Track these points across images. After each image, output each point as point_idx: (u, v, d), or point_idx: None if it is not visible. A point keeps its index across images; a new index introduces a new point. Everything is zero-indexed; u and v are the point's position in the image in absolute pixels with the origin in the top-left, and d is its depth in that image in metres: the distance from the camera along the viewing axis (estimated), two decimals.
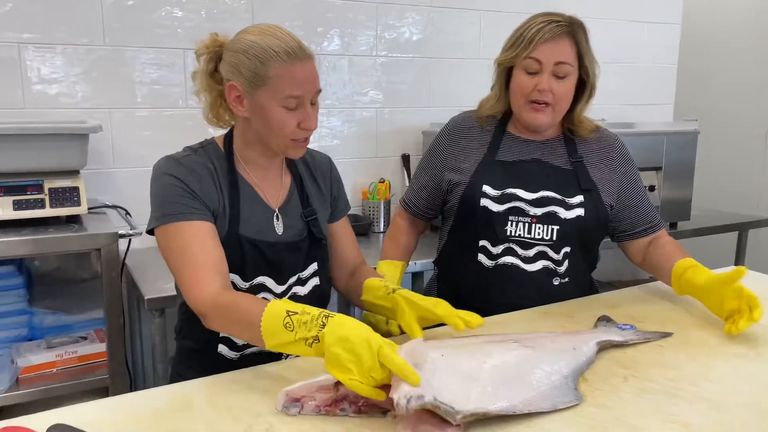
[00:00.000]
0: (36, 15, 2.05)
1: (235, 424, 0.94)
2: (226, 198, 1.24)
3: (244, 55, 1.18)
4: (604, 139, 1.60)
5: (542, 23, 1.44)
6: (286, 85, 1.18)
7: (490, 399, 0.95)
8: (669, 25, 3.35)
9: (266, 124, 1.21)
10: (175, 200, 1.19)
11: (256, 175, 1.30)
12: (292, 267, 1.30)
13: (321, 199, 1.39)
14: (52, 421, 0.91)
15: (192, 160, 1.24)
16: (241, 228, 1.24)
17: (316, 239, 1.34)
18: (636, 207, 1.58)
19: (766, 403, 1.00)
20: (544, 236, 1.49)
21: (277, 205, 1.31)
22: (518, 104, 1.50)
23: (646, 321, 1.36)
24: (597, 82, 1.54)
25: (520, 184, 1.50)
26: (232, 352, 1.28)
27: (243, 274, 1.24)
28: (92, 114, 2.13)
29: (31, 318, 1.91)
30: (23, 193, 1.72)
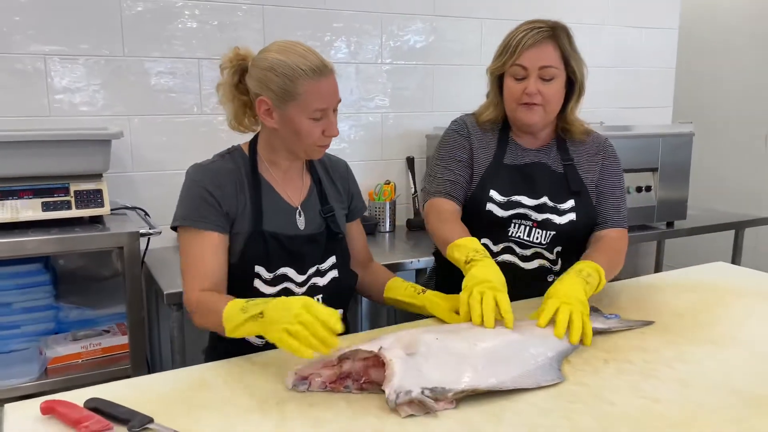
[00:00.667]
0: (60, 28, 2.18)
1: (249, 399, 1.05)
2: (248, 198, 1.38)
3: (272, 73, 1.30)
4: (594, 142, 1.67)
5: (525, 31, 1.53)
6: (314, 100, 1.31)
7: (480, 377, 1.05)
8: (667, 30, 3.44)
9: (295, 133, 1.34)
10: (196, 207, 1.34)
11: (279, 176, 1.43)
12: (311, 258, 1.42)
13: (338, 198, 1.53)
14: (86, 397, 1.03)
15: (217, 165, 1.39)
16: (264, 224, 1.38)
17: (333, 233, 1.46)
18: (602, 203, 1.62)
19: (733, 383, 1.10)
20: (541, 240, 1.58)
21: (298, 203, 1.44)
22: (511, 108, 1.58)
23: (632, 310, 1.46)
24: (585, 81, 1.60)
25: (524, 190, 1.58)
26: (259, 339, 1.40)
27: (267, 265, 1.38)
28: (112, 121, 2.25)
29: (58, 313, 2.04)
30: (51, 196, 1.84)
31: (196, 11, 2.36)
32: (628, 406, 1.01)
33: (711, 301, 1.53)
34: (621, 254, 1.58)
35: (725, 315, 1.43)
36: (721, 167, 4.05)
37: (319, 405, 1.03)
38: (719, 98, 4.11)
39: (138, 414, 0.98)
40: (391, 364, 1.02)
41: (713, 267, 1.85)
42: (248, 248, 1.36)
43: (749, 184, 4.00)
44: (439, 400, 1.00)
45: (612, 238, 1.60)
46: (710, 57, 4.13)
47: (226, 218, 1.35)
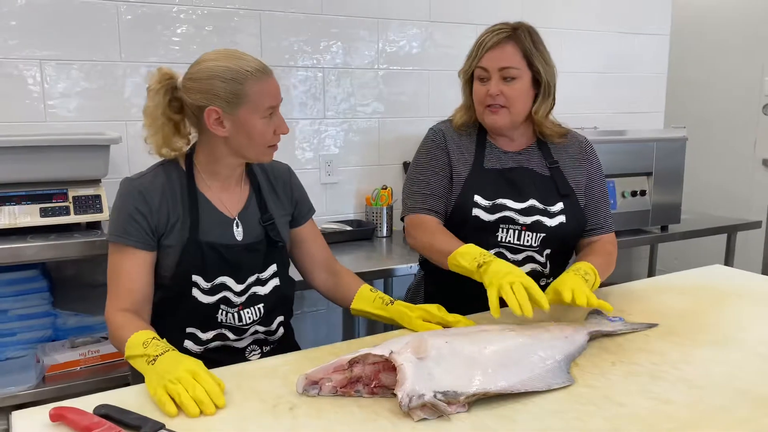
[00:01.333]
0: (55, 34, 2.16)
1: (261, 404, 1.05)
2: (182, 210, 1.36)
3: (218, 80, 1.30)
4: (574, 142, 1.68)
5: (487, 33, 1.56)
6: (265, 99, 1.32)
7: (490, 380, 1.05)
8: (659, 36, 3.48)
9: (249, 136, 1.34)
10: (123, 223, 1.33)
11: (216, 186, 1.42)
12: (250, 267, 1.42)
13: (280, 206, 1.51)
14: (94, 403, 1.02)
15: (147, 180, 1.37)
16: (201, 234, 1.36)
17: (273, 242, 1.45)
18: (592, 208, 1.65)
19: (739, 383, 1.11)
20: (532, 243, 1.58)
21: (235, 213, 1.42)
22: (479, 111, 1.60)
23: (634, 314, 1.47)
24: (553, 81, 1.58)
25: (509, 194, 1.57)
26: (197, 347, 1.40)
27: (205, 275, 1.36)
28: (109, 126, 2.24)
29: (55, 319, 2.02)
30: (49, 201, 1.83)
31: (193, 16, 2.36)
32: (638, 407, 1.02)
33: (712, 303, 1.54)
34: (614, 257, 1.63)
35: (727, 317, 1.44)
36: (711, 172, 4.10)
37: (330, 409, 1.03)
38: (709, 104, 4.16)
39: (149, 420, 0.98)
40: (402, 369, 1.02)
41: (711, 270, 1.87)
42: (184, 258, 1.34)
43: (739, 189, 4.04)
44: (451, 403, 1.00)
45: (605, 242, 1.65)
46: (700, 63, 4.19)
47: (153, 235, 1.34)
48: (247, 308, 1.41)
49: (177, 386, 1.03)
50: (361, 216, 2.77)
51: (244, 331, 1.42)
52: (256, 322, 1.43)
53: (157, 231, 1.35)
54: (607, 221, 1.68)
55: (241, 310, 1.40)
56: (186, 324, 1.39)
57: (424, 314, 1.36)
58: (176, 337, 1.37)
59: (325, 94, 2.65)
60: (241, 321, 1.41)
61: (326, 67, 2.63)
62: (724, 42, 4.08)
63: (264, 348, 1.47)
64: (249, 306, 1.41)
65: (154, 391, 1.05)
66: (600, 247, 1.63)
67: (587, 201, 1.66)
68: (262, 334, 1.46)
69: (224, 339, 1.41)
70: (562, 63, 3.35)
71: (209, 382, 1.05)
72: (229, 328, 1.41)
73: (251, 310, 1.42)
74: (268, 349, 1.48)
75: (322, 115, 2.65)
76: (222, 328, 1.40)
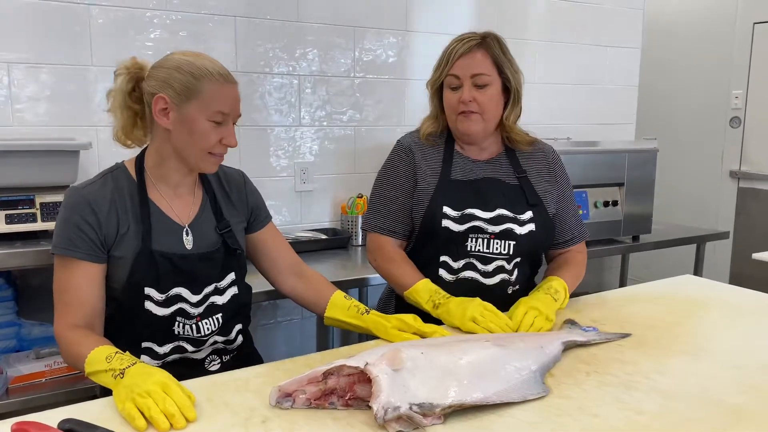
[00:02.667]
0: (25, 36, 2.12)
1: (233, 417, 1.02)
2: (133, 218, 1.32)
3: (176, 71, 1.28)
4: (542, 151, 1.69)
5: (457, 42, 1.57)
6: (216, 102, 1.29)
7: (466, 391, 1.05)
8: (630, 49, 3.54)
9: (189, 135, 1.30)
10: (68, 235, 1.28)
11: (167, 193, 1.37)
12: (206, 277, 1.38)
13: (235, 212, 1.47)
14: (59, 418, 0.98)
15: (94, 188, 1.32)
16: (153, 243, 1.32)
17: (232, 249, 1.42)
18: (564, 219, 1.68)
19: (711, 393, 1.12)
20: (501, 251, 1.58)
21: (187, 221, 1.38)
22: (451, 119, 1.60)
23: (607, 324, 1.48)
24: (521, 89, 1.61)
25: (477, 204, 1.58)
26: (155, 361, 1.35)
27: (158, 286, 1.32)
28: (79, 131, 2.19)
29: (20, 329, 1.96)
30: (15, 208, 1.78)
31: (167, 21, 2.33)
32: (612, 418, 1.02)
33: (683, 313, 1.56)
34: (584, 266, 1.70)
35: (698, 327, 1.46)
36: (680, 183, 4.18)
37: (304, 422, 1.01)
38: (678, 116, 4.24)
39: None
40: (377, 381, 1.01)
41: (682, 280, 1.90)
42: (136, 270, 1.29)
43: (707, 200, 4.13)
44: (427, 415, 0.99)
45: (576, 252, 1.70)
46: (670, 76, 4.28)
47: (102, 246, 1.29)
48: (204, 319, 1.37)
49: (146, 400, 1.00)
50: (337, 224, 2.75)
51: (202, 342, 1.39)
52: (214, 332, 1.39)
53: (106, 242, 1.29)
54: (579, 230, 1.71)
55: (199, 321, 1.36)
56: (141, 338, 1.34)
57: (400, 324, 1.35)
58: (132, 352, 1.30)
59: (301, 102, 2.63)
60: (199, 332, 1.37)
61: (302, 75, 2.62)
62: (694, 57, 4.18)
63: (224, 357, 1.44)
64: (207, 317, 1.37)
65: (122, 406, 1.02)
66: (571, 258, 1.68)
67: (559, 213, 1.67)
68: (222, 344, 1.43)
69: (182, 351, 1.37)
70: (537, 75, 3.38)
71: (180, 395, 1.03)
72: (186, 340, 1.37)
73: (209, 321, 1.38)
74: (227, 358, 1.45)
75: (297, 122, 2.63)
76: (179, 340, 1.36)
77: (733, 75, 3.99)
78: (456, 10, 2.93)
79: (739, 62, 3.96)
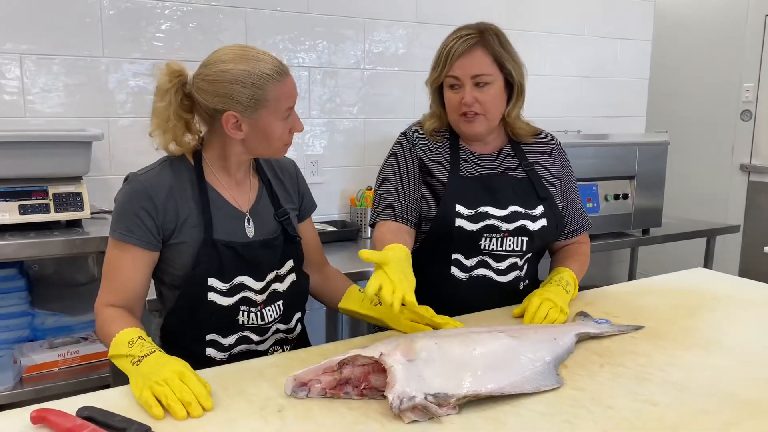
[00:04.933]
0: (37, 27, 2.12)
1: (249, 406, 1.03)
2: (194, 207, 1.31)
3: (238, 85, 1.24)
4: (545, 141, 1.67)
5: (454, 39, 1.51)
6: (284, 101, 1.29)
7: (480, 382, 1.05)
8: (641, 42, 3.52)
9: (267, 139, 1.30)
10: (125, 220, 1.28)
11: (226, 182, 1.37)
12: (268, 264, 1.38)
13: (289, 199, 1.48)
14: (77, 405, 1.00)
15: (153, 175, 1.31)
16: (215, 233, 1.32)
17: (290, 237, 1.42)
18: (570, 210, 1.67)
19: (724, 386, 1.12)
20: (515, 248, 1.56)
21: (246, 208, 1.39)
22: (453, 119, 1.57)
23: (620, 316, 1.48)
24: (525, 81, 1.56)
25: (490, 202, 1.55)
26: (220, 354, 1.36)
27: (222, 276, 1.31)
28: (91, 123, 2.20)
29: (33, 319, 1.98)
30: (28, 198, 1.79)
31: (178, 13, 2.33)
32: (626, 409, 1.03)
33: (695, 306, 1.56)
34: (588, 256, 1.70)
35: (710, 320, 1.46)
36: (691, 176, 4.16)
37: (319, 411, 1.02)
38: (689, 109, 4.22)
39: (134, 422, 0.96)
40: (392, 371, 1.02)
41: (693, 273, 1.89)
42: (200, 260, 1.29)
43: (717, 193, 4.11)
44: (442, 405, 1.00)
45: (580, 243, 1.69)
46: (681, 69, 4.25)
47: (159, 234, 1.29)
48: (268, 306, 1.37)
49: (164, 388, 1.01)
50: (346, 217, 2.75)
51: (266, 330, 1.39)
52: (276, 320, 1.40)
53: (164, 229, 1.29)
54: (583, 221, 1.71)
55: (263, 308, 1.37)
56: (206, 331, 1.33)
57: (412, 315, 1.35)
58: (197, 346, 1.33)
59: (311, 94, 2.63)
60: (263, 320, 1.36)
61: (311, 67, 2.62)
62: (704, 49, 4.15)
63: (285, 347, 1.44)
64: (270, 304, 1.38)
65: (139, 393, 1.03)
66: (576, 249, 1.67)
67: (565, 204, 1.66)
68: (283, 333, 1.43)
69: (247, 342, 1.37)
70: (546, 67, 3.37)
71: (196, 384, 1.03)
72: (251, 330, 1.37)
73: (272, 308, 1.38)
74: (288, 348, 1.45)
75: (306, 114, 2.63)
76: (244, 330, 1.36)
77: (745, 68, 3.96)
78: (466, 2, 2.92)
79: (751, 55, 3.93)
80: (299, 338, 1.49)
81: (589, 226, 1.73)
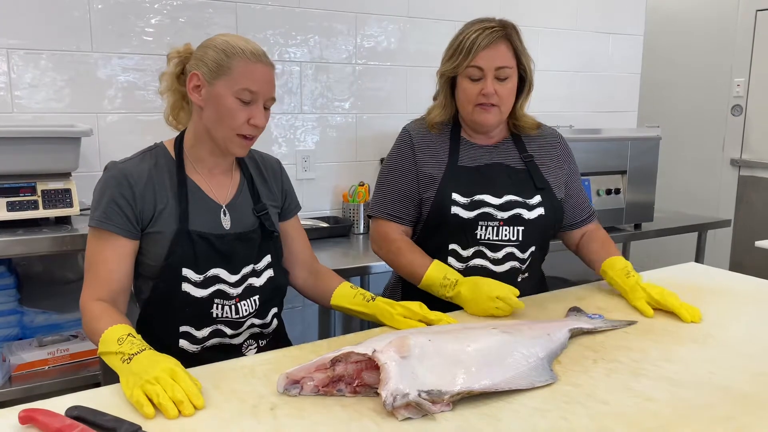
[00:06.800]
0: (24, 21, 2.09)
1: (241, 404, 1.02)
2: (171, 197, 1.33)
3: (211, 49, 1.31)
4: (547, 135, 1.70)
5: (478, 31, 1.52)
6: (244, 79, 1.29)
7: (474, 378, 1.04)
8: (633, 37, 3.52)
9: (217, 112, 1.30)
10: (105, 209, 1.28)
11: (204, 173, 1.38)
12: (244, 258, 1.38)
13: (271, 197, 1.48)
14: (66, 405, 0.98)
15: (133, 164, 1.34)
16: (190, 223, 1.32)
17: (268, 232, 1.42)
18: (575, 199, 1.70)
19: (718, 380, 1.12)
20: (510, 237, 1.57)
21: (224, 202, 1.39)
22: (467, 110, 1.57)
23: (613, 311, 1.48)
24: (533, 77, 1.61)
25: (486, 190, 1.57)
26: (193, 346, 1.36)
27: (195, 267, 1.32)
28: (79, 118, 2.17)
29: (22, 317, 1.95)
30: (16, 195, 1.76)
31: (167, 7, 2.31)
32: (621, 405, 1.02)
33: (688, 300, 1.54)
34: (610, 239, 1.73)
35: (704, 314, 1.45)
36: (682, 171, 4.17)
37: (312, 409, 1.01)
38: (680, 104, 4.23)
39: (125, 422, 0.94)
40: (386, 368, 1.01)
41: (685, 268, 1.89)
42: (174, 250, 1.30)
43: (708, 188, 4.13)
44: (435, 402, 0.99)
45: (600, 230, 1.73)
46: (672, 64, 4.26)
47: (137, 222, 1.30)
48: (243, 300, 1.37)
49: (155, 387, 1.00)
50: (338, 212, 2.74)
51: (240, 324, 1.38)
52: (252, 314, 1.39)
53: (141, 218, 1.30)
54: (591, 208, 1.74)
55: (238, 302, 1.37)
56: (179, 322, 1.34)
57: (405, 311, 1.35)
58: (170, 338, 1.33)
59: (302, 89, 2.62)
60: (238, 314, 1.36)
61: (303, 61, 2.60)
62: (696, 44, 4.16)
63: (260, 342, 1.44)
64: (245, 298, 1.38)
65: (130, 393, 1.02)
66: (602, 236, 1.71)
67: (571, 194, 1.68)
68: (258, 328, 1.42)
69: (221, 335, 1.37)
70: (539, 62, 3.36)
71: (188, 383, 1.02)
72: (225, 323, 1.37)
73: (247, 302, 1.38)
74: (263, 343, 1.44)
75: (298, 109, 2.62)
76: (218, 323, 1.36)
77: (735, 63, 3.98)
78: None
79: (742, 50, 3.94)
80: (275, 333, 1.48)
81: (596, 216, 1.76)
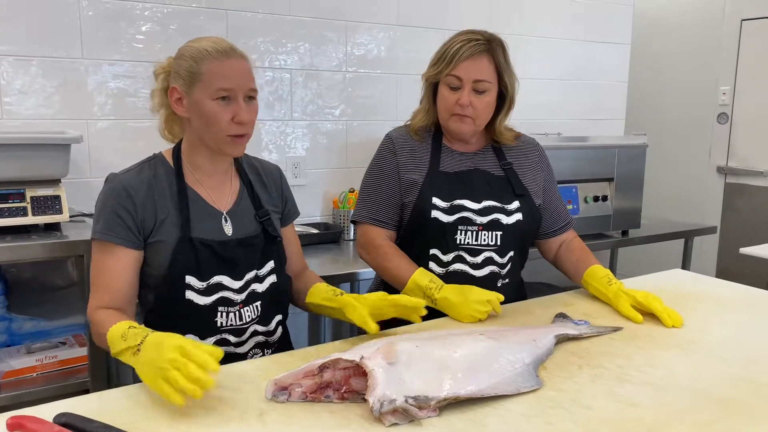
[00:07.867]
0: (13, 28, 2.09)
1: (230, 411, 1.03)
2: (172, 204, 1.34)
3: (181, 59, 1.31)
4: (526, 144, 1.73)
5: (462, 42, 1.55)
6: (216, 79, 1.29)
7: (460, 384, 1.06)
8: (620, 45, 3.56)
9: (201, 119, 1.31)
10: (107, 220, 1.30)
11: (204, 181, 1.39)
12: (247, 264, 1.38)
13: (272, 202, 1.49)
14: (54, 412, 0.98)
15: (132, 175, 1.35)
16: (192, 231, 1.33)
17: (271, 237, 1.43)
18: (552, 208, 1.73)
19: (702, 386, 1.13)
20: (489, 242, 1.60)
21: (225, 208, 1.40)
22: (443, 117, 1.61)
23: (598, 317, 1.49)
24: (516, 95, 1.63)
25: (465, 195, 1.60)
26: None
27: (199, 274, 1.32)
28: (70, 125, 2.17)
29: (10, 324, 1.94)
30: (5, 201, 1.76)
31: (158, 14, 2.32)
32: (606, 410, 1.04)
33: (673, 306, 1.56)
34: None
35: (688, 320, 1.47)
36: (669, 178, 4.21)
37: (301, 415, 1.01)
38: (667, 112, 4.28)
39: (113, 429, 0.95)
40: (373, 374, 1.02)
41: (671, 274, 1.92)
42: (177, 257, 1.30)
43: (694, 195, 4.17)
44: (422, 408, 1.00)
45: (577, 239, 1.75)
46: (659, 72, 4.30)
47: (139, 233, 1.31)
48: (246, 306, 1.37)
49: (172, 372, 1.00)
50: (328, 219, 2.75)
51: (243, 331, 1.38)
52: (255, 320, 1.39)
53: (143, 228, 1.31)
54: (569, 217, 1.77)
55: (242, 308, 1.37)
56: (184, 331, 1.30)
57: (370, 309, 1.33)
58: None
59: (292, 96, 2.63)
60: (242, 320, 1.37)
61: (293, 69, 2.61)
62: (682, 53, 4.21)
63: (266, 351, 1.43)
64: (248, 304, 1.38)
65: (153, 385, 1.02)
66: (580, 246, 1.73)
67: (549, 202, 1.72)
68: (262, 335, 1.42)
69: (225, 344, 1.36)
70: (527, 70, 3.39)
71: (200, 355, 1.02)
72: (229, 332, 1.36)
73: (250, 308, 1.38)
74: (269, 352, 1.44)
75: (288, 116, 2.63)
76: (222, 332, 1.36)
77: (721, 71, 4.03)
78: (447, 5, 2.93)
79: (727, 59, 4.00)
80: (281, 342, 1.48)
81: (573, 224, 1.79)
